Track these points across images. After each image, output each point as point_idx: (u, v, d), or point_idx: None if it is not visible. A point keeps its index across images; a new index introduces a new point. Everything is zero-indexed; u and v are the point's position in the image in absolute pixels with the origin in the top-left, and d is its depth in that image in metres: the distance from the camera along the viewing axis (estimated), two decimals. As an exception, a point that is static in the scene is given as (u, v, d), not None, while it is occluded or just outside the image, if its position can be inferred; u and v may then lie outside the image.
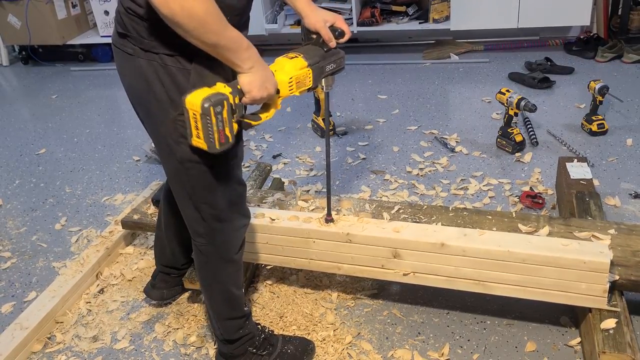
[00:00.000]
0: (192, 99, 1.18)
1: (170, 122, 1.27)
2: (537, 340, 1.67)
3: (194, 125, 1.19)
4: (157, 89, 1.25)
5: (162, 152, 1.37)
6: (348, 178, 2.59)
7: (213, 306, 1.56)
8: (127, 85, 1.34)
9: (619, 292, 1.57)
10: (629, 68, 3.48)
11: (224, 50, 1.19)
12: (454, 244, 1.60)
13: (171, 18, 1.10)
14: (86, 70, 4.48)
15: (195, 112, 1.17)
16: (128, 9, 1.23)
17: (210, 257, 1.47)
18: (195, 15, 1.10)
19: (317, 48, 1.47)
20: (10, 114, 3.78)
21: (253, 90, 1.26)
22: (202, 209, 1.39)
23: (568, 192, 2.03)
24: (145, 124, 1.40)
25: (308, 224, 1.75)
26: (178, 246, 1.82)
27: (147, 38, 1.23)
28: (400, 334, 1.75)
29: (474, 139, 2.82)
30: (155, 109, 1.28)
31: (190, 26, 1.11)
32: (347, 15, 4.01)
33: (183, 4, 1.08)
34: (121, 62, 1.32)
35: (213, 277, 1.51)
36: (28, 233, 2.44)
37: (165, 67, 1.24)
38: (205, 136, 1.20)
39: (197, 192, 1.37)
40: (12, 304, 2.03)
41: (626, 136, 2.70)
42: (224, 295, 1.53)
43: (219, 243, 1.46)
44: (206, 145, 1.21)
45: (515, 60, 3.74)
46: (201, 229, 1.43)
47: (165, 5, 1.08)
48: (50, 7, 4.36)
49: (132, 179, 2.79)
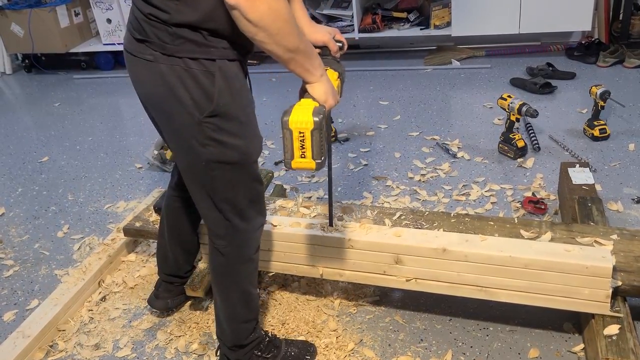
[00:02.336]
0: (298, 117, 1.14)
1: (197, 124, 1.27)
2: (540, 347, 1.66)
3: (299, 145, 1.15)
4: (181, 93, 1.25)
5: (185, 155, 1.36)
6: (350, 184, 2.59)
7: (229, 309, 1.54)
8: (145, 91, 1.33)
9: (622, 298, 1.56)
10: (630, 73, 3.47)
11: (302, 55, 1.18)
12: (455, 249, 1.60)
13: (258, 21, 1.08)
14: (89, 78, 4.50)
15: (304, 129, 1.13)
16: (150, 15, 1.22)
17: (230, 258, 1.47)
18: (281, 15, 1.09)
19: (332, 60, 1.49)
20: (13, 122, 3.80)
21: (329, 99, 1.26)
22: (223, 208, 1.39)
23: (570, 197, 2.03)
24: (165, 130, 1.39)
25: (310, 230, 1.75)
26: (181, 254, 1.82)
27: (170, 43, 1.22)
28: (403, 340, 1.74)
29: (475, 144, 2.82)
30: (178, 113, 1.28)
31: (275, 28, 1.10)
32: (349, 21, 4.02)
33: (271, 4, 1.07)
34: (138, 69, 1.30)
35: (232, 278, 1.51)
36: (30, 241, 2.45)
37: (189, 71, 1.23)
38: (317, 153, 1.15)
39: (219, 192, 1.37)
40: (14, 311, 2.03)
41: (628, 141, 2.69)
42: (243, 296, 1.53)
43: (239, 243, 1.46)
44: (315, 163, 1.16)
45: (517, 66, 3.75)
46: (222, 230, 1.43)
47: (252, 9, 1.07)
48: (53, 16, 4.39)
49: (135, 187, 2.79)
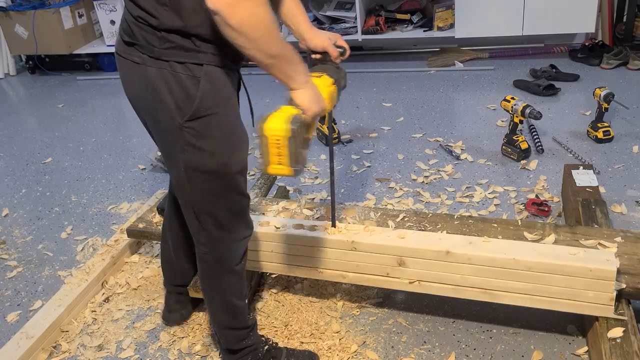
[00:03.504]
0: (273, 124, 1.13)
1: (178, 129, 1.26)
2: (544, 349, 1.66)
3: (276, 152, 1.15)
4: (165, 96, 1.24)
5: (168, 160, 1.37)
6: (353, 186, 2.59)
7: (214, 314, 1.56)
8: (133, 94, 1.33)
9: (626, 301, 1.56)
10: (634, 75, 3.47)
11: (284, 61, 1.17)
12: (459, 251, 1.60)
13: (238, 27, 1.08)
14: (92, 80, 4.51)
15: (279, 137, 1.13)
16: (138, 17, 1.22)
17: (211, 265, 1.47)
18: (262, 21, 1.09)
19: (330, 66, 1.48)
20: (17, 123, 3.81)
21: (313, 106, 1.25)
22: (203, 219, 1.39)
23: (574, 199, 2.02)
24: (152, 133, 1.39)
25: (313, 232, 1.75)
26: (187, 262, 1.81)
27: (157, 46, 1.22)
28: (406, 342, 1.74)
29: (479, 146, 2.82)
30: (163, 117, 1.27)
31: (257, 34, 1.10)
32: (352, 23, 4.02)
33: (253, 11, 1.07)
34: (126, 70, 1.31)
35: (213, 286, 1.51)
36: (34, 242, 2.45)
37: (175, 75, 1.22)
38: (292, 160, 1.15)
39: (199, 202, 1.37)
40: (17, 312, 2.04)
41: (632, 143, 2.69)
42: (224, 304, 1.53)
43: (219, 252, 1.45)
44: (291, 170, 1.16)
45: (520, 68, 3.74)
46: (202, 238, 1.44)
47: (232, 15, 1.06)
48: (56, 17, 4.40)
49: (138, 188, 2.80)
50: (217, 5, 1.06)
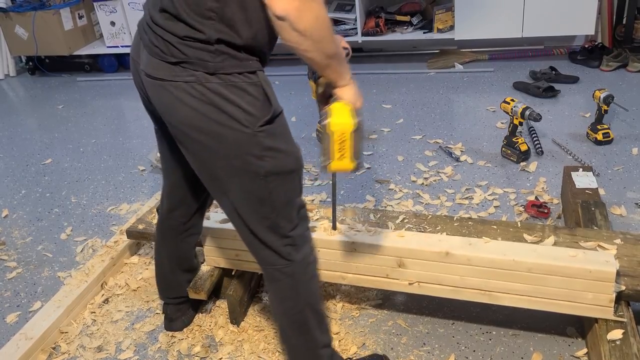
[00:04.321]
0: (339, 119, 1.18)
1: (251, 136, 1.22)
2: (543, 351, 1.66)
3: (338, 147, 1.19)
4: (229, 108, 1.20)
5: (238, 177, 1.28)
6: (353, 187, 2.59)
7: (308, 336, 1.45)
8: (183, 116, 1.24)
9: (625, 303, 1.55)
10: (634, 77, 3.47)
11: (337, 60, 1.18)
12: (459, 253, 1.60)
13: (305, 30, 1.07)
14: (92, 81, 4.51)
15: (345, 132, 1.18)
16: (187, 37, 1.18)
17: (297, 276, 1.39)
18: (326, 23, 1.09)
19: None
20: (17, 124, 3.81)
21: (358, 101, 1.27)
22: (281, 225, 1.33)
23: (573, 201, 2.03)
24: (206, 155, 1.28)
25: (313, 233, 1.74)
26: (182, 274, 1.80)
27: (211, 61, 1.18)
28: (405, 344, 1.74)
29: (478, 148, 2.82)
30: (229, 131, 1.21)
31: (321, 35, 1.10)
32: (352, 25, 4.03)
33: (318, 14, 1.07)
34: (173, 94, 1.23)
35: (303, 299, 1.42)
36: (34, 243, 2.45)
37: (235, 85, 1.20)
38: (356, 154, 1.20)
39: (277, 208, 1.31)
40: (17, 313, 2.04)
41: (632, 145, 2.69)
42: (317, 317, 1.45)
43: (301, 258, 1.39)
44: (354, 164, 1.21)
45: (520, 70, 3.75)
46: (282, 249, 1.36)
47: (302, 18, 1.05)
48: (57, 18, 4.40)
49: (138, 189, 2.80)
50: (286, 11, 1.05)
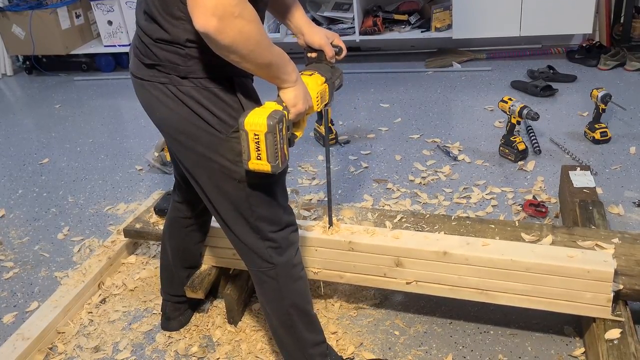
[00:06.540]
0: (253, 119, 1.15)
1: (223, 142, 1.24)
2: (541, 350, 1.66)
3: (254, 147, 1.16)
4: (202, 112, 1.22)
5: (213, 178, 1.31)
6: (350, 187, 2.59)
7: (296, 336, 1.47)
8: (161, 116, 1.28)
9: (623, 302, 1.55)
10: (631, 76, 3.47)
11: (275, 67, 1.18)
12: (456, 252, 1.59)
13: (229, 45, 1.07)
14: (90, 80, 4.50)
15: (258, 132, 1.15)
16: (159, 39, 1.20)
17: (281, 279, 1.41)
18: (252, 37, 1.09)
19: (324, 65, 1.49)
20: (14, 124, 3.80)
21: (299, 104, 1.25)
22: (260, 227, 1.34)
23: (571, 200, 2.02)
24: (186, 156, 1.32)
25: (310, 232, 1.75)
26: (185, 273, 1.81)
27: (182, 65, 1.20)
28: (403, 344, 1.73)
29: (476, 147, 2.82)
30: (202, 134, 1.24)
31: (248, 49, 1.10)
32: (350, 24, 4.02)
33: (241, 29, 1.06)
34: (150, 93, 1.26)
35: (289, 300, 1.44)
36: (30, 243, 2.45)
37: (208, 89, 1.21)
38: (271, 156, 1.17)
39: (256, 211, 1.32)
40: (14, 314, 2.03)
41: (629, 144, 2.69)
42: (305, 318, 1.47)
43: (284, 261, 1.40)
44: (270, 166, 1.18)
45: (518, 69, 3.75)
46: (264, 252, 1.38)
47: (223, 35, 1.05)
48: (54, 18, 4.39)
49: (135, 189, 2.79)
50: (205, 28, 1.05)
